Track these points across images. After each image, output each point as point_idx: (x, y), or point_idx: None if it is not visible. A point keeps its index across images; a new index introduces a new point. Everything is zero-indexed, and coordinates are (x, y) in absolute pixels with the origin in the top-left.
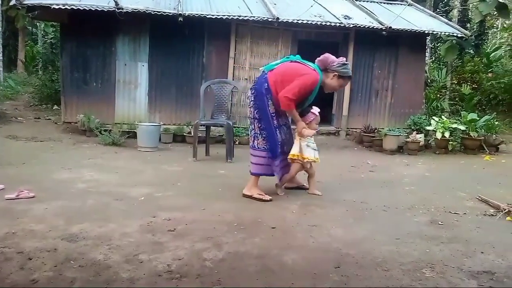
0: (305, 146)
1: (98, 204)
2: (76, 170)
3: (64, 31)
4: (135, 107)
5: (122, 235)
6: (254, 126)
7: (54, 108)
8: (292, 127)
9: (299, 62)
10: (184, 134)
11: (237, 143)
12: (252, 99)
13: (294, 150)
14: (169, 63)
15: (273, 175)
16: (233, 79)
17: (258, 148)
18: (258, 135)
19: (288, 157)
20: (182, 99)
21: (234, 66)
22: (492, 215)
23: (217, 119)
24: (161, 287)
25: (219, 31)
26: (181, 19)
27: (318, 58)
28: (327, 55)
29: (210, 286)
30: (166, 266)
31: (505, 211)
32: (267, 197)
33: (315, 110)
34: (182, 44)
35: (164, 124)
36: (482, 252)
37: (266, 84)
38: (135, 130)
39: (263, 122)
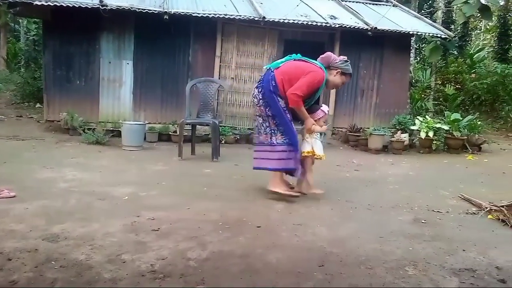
0: (316, 143)
1: (80, 203)
2: (59, 169)
3: (47, 28)
4: (120, 106)
5: (104, 235)
6: (269, 123)
7: (36, 106)
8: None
9: (303, 60)
10: (170, 133)
11: (223, 142)
12: (260, 97)
13: (307, 147)
14: (154, 61)
15: (294, 170)
16: (219, 78)
17: (278, 143)
18: (275, 131)
19: (302, 155)
20: (168, 98)
21: (220, 65)
22: (474, 213)
23: (202, 118)
24: (144, 287)
25: (205, 30)
26: (167, 17)
27: (321, 56)
28: (329, 53)
29: (194, 286)
30: (150, 266)
31: (487, 209)
32: (296, 193)
33: (325, 108)
34: (167, 42)
35: (149, 123)
36: (464, 250)
37: (274, 82)
38: (119, 129)
39: (278, 118)
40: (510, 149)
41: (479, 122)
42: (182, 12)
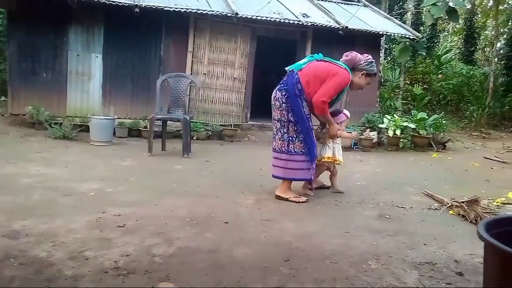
0: (337, 148)
1: (44, 199)
2: (22, 164)
3: (11, 18)
4: (89, 100)
5: (68, 231)
6: (289, 129)
7: (1, 99)
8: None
9: (326, 61)
10: (140, 128)
11: (194, 138)
12: (284, 101)
13: (328, 153)
14: (125, 55)
15: (311, 180)
16: (191, 74)
17: (296, 152)
18: (294, 138)
19: (322, 160)
20: (138, 93)
21: (192, 60)
22: (436, 209)
23: (173, 114)
24: (106, 284)
25: (178, 24)
26: (137, 10)
27: (345, 58)
28: (354, 53)
29: (158, 282)
30: (113, 263)
31: (448, 205)
32: (303, 199)
33: (347, 112)
34: (139, 36)
35: (119, 118)
36: (425, 244)
37: (299, 85)
38: (88, 124)
39: (300, 124)
40: (473, 147)
41: (444, 121)
42: (154, 6)
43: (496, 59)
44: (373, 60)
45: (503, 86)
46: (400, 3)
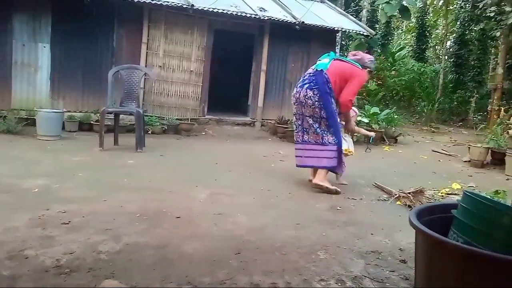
0: (350, 142)
1: None
2: None
3: None
4: (35, 92)
5: (7, 230)
6: (321, 124)
7: None
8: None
9: (342, 61)
10: (92, 122)
11: (149, 132)
12: (317, 99)
13: (344, 146)
14: (75, 45)
15: (340, 167)
16: (146, 66)
17: (330, 143)
18: (326, 132)
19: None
20: (90, 85)
21: (147, 52)
22: (385, 200)
23: (126, 107)
24: (47, 283)
25: (131, 15)
26: None
27: (356, 57)
28: (361, 53)
29: (102, 279)
30: (55, 261)
31: (396, 196)
32: (339, 190)
33: (356, 109)
34: (89, 25)
35: (68, 111)
36: (372, 234)
37: (330, 84)
38: (34, 117)
39: (330, 120)
40: (423, 141)
41: (396, 116)
42: None
43: (446, 57)
44: (374, 59)
45: (452, 83)
46: (356, 1)
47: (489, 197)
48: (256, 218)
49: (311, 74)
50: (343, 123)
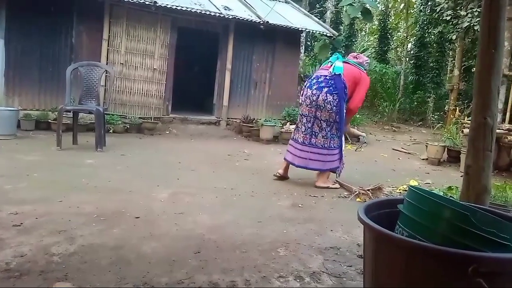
0: (343, 142)
1: None
2: None
3: None
4: None
5: None
6: (332, 128)
7: None
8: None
9: (351, 64)
10: (49, 120)
11: (111, 131)
12: (335, 104)
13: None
14: (31, 41)
15: (340, 168)
16: (107, 63)
17: (334, 147)
18: (334, 136)
19: None
20: (48, 82)
21: (108, 49)
22: (345, 197)
23: (85, 105)
24: None
25: (91, 10)
26: None
27: (357, 59)
28: (361, 55)
29: (54, 282)
30: (4, 265)
31: (356, 193)
32: (337, 185)
33: None
34: (47, 21)
35: (24, 109)
36: (331, 230)
37: (346, 90)
38: None
39: (341, 124)
40: (384, 140)
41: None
42: None
43: (406, 58)
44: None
45: (412, 84)
46: (321, 2)
47: (432, 191)
48: (218, 217)
49: (328, 78)
50: None
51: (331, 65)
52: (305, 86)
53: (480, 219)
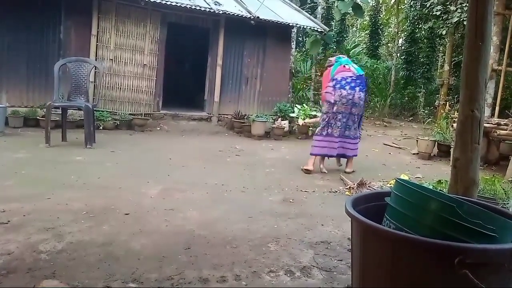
0: None
1: None
2: None
3: None
4: None
5: None
6: (360, 120)
7: None
8: None
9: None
10: (38, 117)
11: (101, 128)
12: (364, 100)
13: None
14: (18, 36)
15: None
16: (96, 59)
17: (358, 136)
18: (358, 127)
19: None
20: (36, 79)
21: (97, 44)
22: (336, 191)
23: (74, 101)
24: None
25: (79, 5)
26: None
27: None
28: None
29: (42, 280)
30: None
31: (347, 187)
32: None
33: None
34: (34, 16)
35: (12, 106)
36: (322, 225)
37: (366, 88)
38: None
39: (362, 117)
40: (375, 135)
41: None
42: None
43: (397, 54)
44: None
45: (403, 79)
46: None
47: (420, 184)
48: (208, 213)
49: (355, 78)
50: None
51: (348, 67)
52: (335, 88)
53: (467, 211)
